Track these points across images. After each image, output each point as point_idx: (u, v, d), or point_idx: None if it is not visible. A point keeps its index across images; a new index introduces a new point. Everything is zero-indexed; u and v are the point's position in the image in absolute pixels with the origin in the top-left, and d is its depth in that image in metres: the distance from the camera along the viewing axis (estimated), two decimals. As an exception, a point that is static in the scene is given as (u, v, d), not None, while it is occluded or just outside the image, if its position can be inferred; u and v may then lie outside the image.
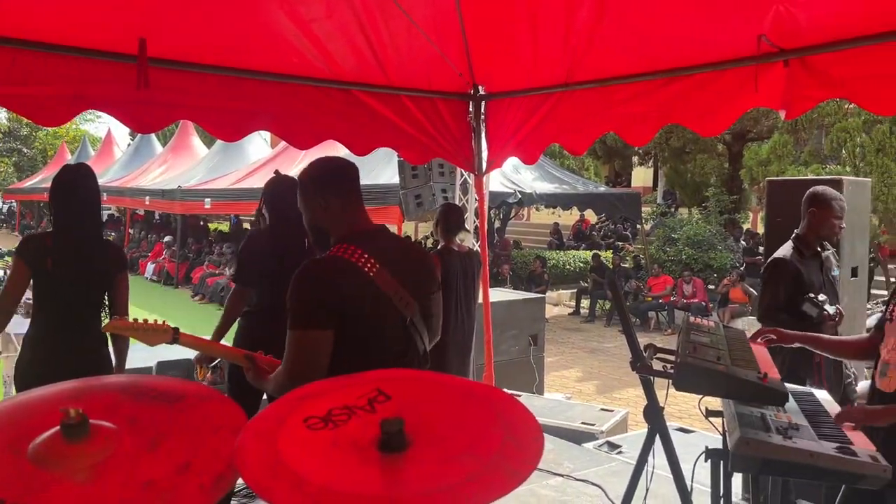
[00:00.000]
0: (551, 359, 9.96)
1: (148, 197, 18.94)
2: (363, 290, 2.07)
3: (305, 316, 2.03)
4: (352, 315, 2.04)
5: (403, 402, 1.33)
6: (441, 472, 1.17)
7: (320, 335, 2.01)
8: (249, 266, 3.73)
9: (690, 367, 2.23)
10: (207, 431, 1.27)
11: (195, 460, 1.19)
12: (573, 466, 4.71)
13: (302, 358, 2.02)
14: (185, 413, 1.33)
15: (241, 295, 3.70)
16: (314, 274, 2.10)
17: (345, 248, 2.11)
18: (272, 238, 3.78)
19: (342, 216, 2.22)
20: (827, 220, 3.58)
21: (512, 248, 18.65)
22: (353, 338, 2.05)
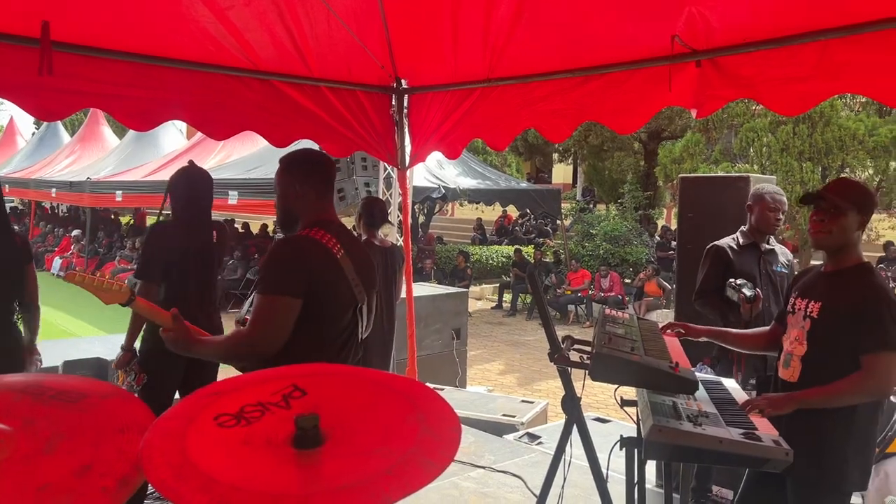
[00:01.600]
0: (474, 352, 10.04)
1: (54, 189, 18.03)
2: (331, 269, 2.24)
3: (280, 282, 2.16)
4: (318, 290, 2.18)
5: (319, 398, 1.31)
6: (357, 467, 1.15)
7: (291, 302, 2.13)
8: (155, 260, 3.59)
9: (605, 357, 2.28)
10: (111, 431, 1.21)
11: (97, 462, 1.13)
12: (494, 458, 4.76)
13: (271, 321, 2.12)
14: (88, 412, 1.26)
15: (148, 291, 3.53)
16: (291, 246, 2.26)
17: (316, 231, 2.27)
18: (179, 230, 3.66)
19: (315, 205, 2.37)
20: (762, 214, 3.74)
21: (436, 242, 18.71)
22: (315, 312, 2.18)
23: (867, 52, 2.96)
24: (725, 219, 4.06)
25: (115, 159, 17.71)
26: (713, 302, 3.71)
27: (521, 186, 14.82)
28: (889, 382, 2.40)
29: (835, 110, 12.31)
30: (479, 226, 21.66)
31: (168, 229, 3.70)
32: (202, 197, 3.78)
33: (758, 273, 3.68)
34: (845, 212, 2.46)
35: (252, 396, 1.30)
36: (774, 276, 3.68)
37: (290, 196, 2.37)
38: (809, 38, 3.17)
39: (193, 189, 3.76)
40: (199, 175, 3.85)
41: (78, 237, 18.55)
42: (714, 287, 3.73)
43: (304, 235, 2.28)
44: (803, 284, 2.69)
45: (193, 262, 3.63)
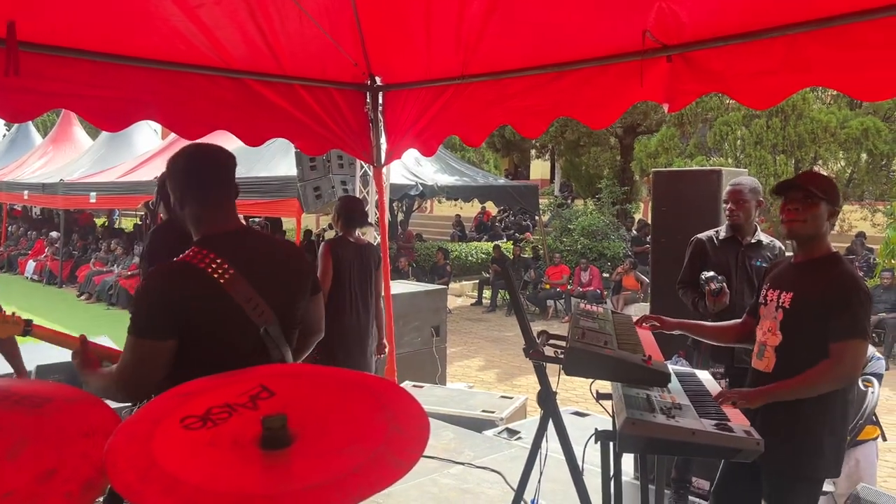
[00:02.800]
0: (454, 349, 10.05)
1: (27, 191, 17.76)
2: (210, 298, 1.93)
3: (143, 323, 1.90)
4: (195, 325, 1.91)
5: (288, 398, 1.30)
6: (326, 466, 1.15)
7: (156, 345, 1.87)
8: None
9: (579, 351, 2.29)
10: (76, 436, 1.20)
11: (61, 467, 1.12)
12: (474, 454, 4.77)
13: (135, 365, 1.88)
14: (52, 417, 1.25)
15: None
16: (158, 280, 1.97)
17: (195, 252, 1.98)
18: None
19: (201, 215, 2.07)
20: (724, 205, 3.78)
21: (415, 240, 18.70)
22: (197, 349, 1.91)
23: (833, 46, 3.01)
24: (699, 212, 4.10)
25: (89, 160, 17.48)
26: (689, 292, 3.76)
27: (498, 183, 14.85)
28: (856, 369, 2.44)
29: (807, 103, 12.47)
30: (458, 222, 21.69)
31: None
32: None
33: (734, 267, 3.70)
34: (818, 201, 2.50)
35: (219, 398, 1.29)
36: (752, 271, 3.70)
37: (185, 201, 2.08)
38: (777, 33, 3.20)
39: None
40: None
41: (52, 239, 18.29)
42: (690, 279, 3.77)
43: (178, 262, 1.98)
44: (775, 276, 2.73)
45: None
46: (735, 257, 3.74)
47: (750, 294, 3.63)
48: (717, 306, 3.43)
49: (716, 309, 3.43)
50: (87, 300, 14.33)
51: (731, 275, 3.66)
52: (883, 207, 14.01)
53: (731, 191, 3.75)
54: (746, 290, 3.67)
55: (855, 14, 2.92)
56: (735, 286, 3.64)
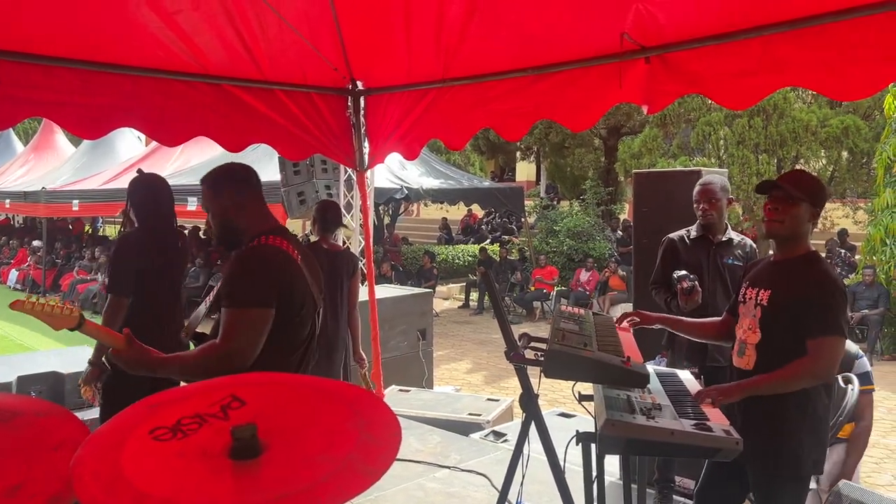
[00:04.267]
0: (441, 352, 10.05)
1: (8, 200, 17.59)
2: (295, 275, 2.23)
3: (249, 294, 2.12)
4: (287, 298, 2.17)
5: (258, 407, 1.29)
6: (296, 475, 1.14)
7: (263, 313, 2.11)
8: (124, 272, 3.46)
9: (558, 353, 2.30)
10: (44, 449, 1.18)
11: (28, 481, 1.11)
12: (460, 457, 4.77)
13: (247, 334, 2.08)
14: (21, 431, 1.23)
15: (119, 305, 3.41)
16: (258, 256, 2.22)
17: (273, 239, 2.25)
18: (145, 239, 3.57)
19: (257, 213, 2.34)
20: (695, 205, 3.78)
21: (401, 243, 18.68)
22: (285, 320, 2.16)
23: (807, 46, 3.03)
24: (679, 212, 4.11)
25: (71, 168, 17.35)
26: (661, 292, 3.78)
27: (484, 185, 14.83)
28: (833, 365, 2.46)
29: (788, 103, 12.56)
30: (444, 225, 21.69)
31: (134, 239, 3.58)
32: (163, 203, 3.70)
33: (706, 265, 3.72)
34: (799, 202, 2.51)
35: (190, 408, 1.28)
36: (724, 269, 3.71)
37: (231, 211, 2.31)
38: (753, 34, 3.23)
39: (153, 196, 3.68)
40: (157, 182, 3.77)
41: (35, 248, 18.12)
42: (662, 278, 3.79)
43: (265, 244, 2.24)
44: (754, 274, 2.74)
45: (162, 270, 3.55)
46: (707, 256, 3.75)
47: (723, 292, 3.65)
48: (689, 305, 3.45)
49: (688, 307, 3.44)
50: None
51: (703, 273, 3.67)
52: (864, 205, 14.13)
53: (702, 190, 3.76)
54: (719, 288, 3.69)
55: (829, 14, 2.95)
56: (707, 285, 3.65)
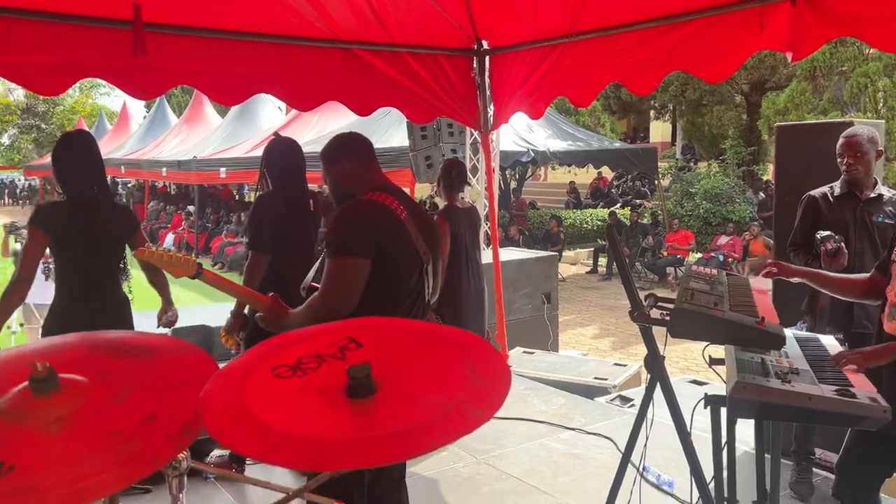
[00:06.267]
0: (567, 317, 9.95)
1: (165, 168, 18.96)
2: (396, 229, 2.28)
3: (348, 244, 2.20)
4: (386, 250, 2.22)
5: (374, 350, 1.33)
6: (406, 414, 1.17)
7: (361, 263, 2.18)
8: (263, 231, 3.65)
9: (685, 312, 2.19)
10: (178, 383, 1.27)
11: (162, 411, 1.20)
12: (585, 420, 4.72)
13: (342, 284, 2.17)
14: (157, 366, 1.33)
15: (259, 262, 3.59)
16: (358, 208, 2.31)
17: (377, 195, 2.33)
18: (278, 200, 3.73)
19: (364, 175, 2.43)
20: (838, 159, 3.48)
21: (528, 208, 18.55)
22: (385, 272, 2.22)
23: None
24: (827, 168, 3.79)
25: (218, 137, 18.43)
26: (801, 254, 3.51)
27: (614, 146, 14.36)
28: None
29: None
30: (572, 189, 21.30)
31: (271, 200, 3.74)
32: (296, 165, 3.84)
33: (853, 224, 3.41)
34: None
35: (310, 348, 1.34)
36: (873, 228, 3.39)
37: (340, 176, 2.44)
38: (919, -36, 2.89)
39: (287, 158, 3.82)
40: (290, 145, 3.91)
41: (188, 213, 19.52)
42: (802, 239, 3.52)
43: (368, 199, 2.33)
44: (910, 233, 2.50)
45: (297, 231, 3.70)
46: (853, 214, 3.42)
47: (871, 253, 3.33)
48: (833, 268, 3.16)
49: (833, 270, 3.17)
50: (220, 269, 15.27)
51: (849, 233, 3.36)
52: None
53: (847, 143, 3.41)
54: (867, 248, 3.37)
55: None
56: (854, 245, 3.35)
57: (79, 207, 3.27)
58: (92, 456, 1.11)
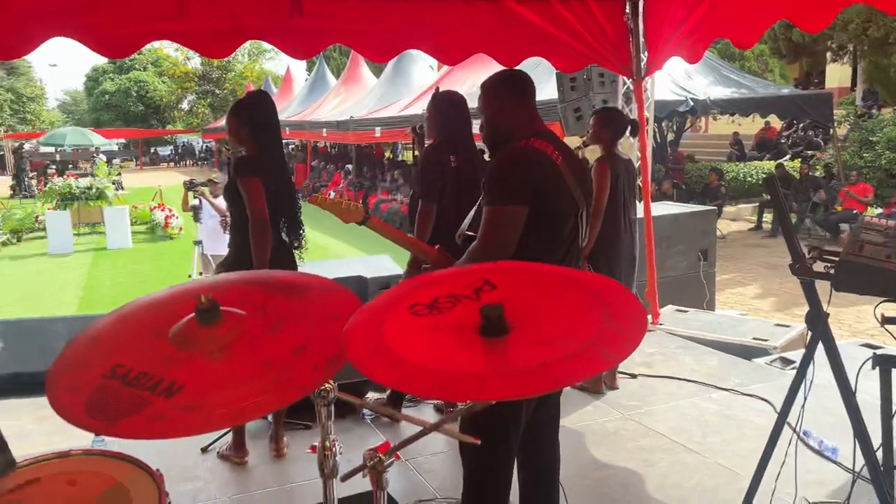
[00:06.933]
0: (726, 276, 9.46)
1: (325, 129, 19.88)
2: (553, 176, 2.25)
3: (505, 192, 2.21)
4: (543, 197, 2.21)
5: (508, 291, 1.34)
6: (538, 353, 1.17)
7: (518, 211, 2.19)
8: (432, 182, 3.75)
9: (852, 265, 2.02)
10: (325, 319, 1.35)
11: (311, 343, 1.29)
12: (740, 381, 4.52)
13: (499, 231, 2.20)
14: (309, 303, 1.43)
15: (429, 211, 3.71)
16: (515, 156, 2.30)
17: (534, 141, 2.30)
18: (445, 151, 3.80)
19: (523, 117, 2.39)
20: None
21: (686, 161, 17.67)
22: (541, 219, 2.22)
23: None
24: None
25: (374, 98, 19.00)
26: None
27: (783, 93, 13.26)
28: None
29: None
30: (736, 141, 20.00)
31: (438, 150, 3.83)
32: (462, 118, 3.89)
33: None
34: None
35: (446, 289, 1.37)
36: None
37: (500, 114, 2.40)
38: None
39: (452, 112, 3.88)
40: (455, 98, 3.97)
41: (347, 172, 20.41)
42: None
43: (525, 146, 2.30)
44: None
45: (463, 183, 3.77)
46: None
47: None
48: None
49: None
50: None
51: None
52: None
53: None
54: None
55: None
56: None
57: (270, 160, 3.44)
58: (249, 381, 1.22)
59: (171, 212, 14.99)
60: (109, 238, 13.64)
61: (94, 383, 1.23)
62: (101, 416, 1.16)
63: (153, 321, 1.38)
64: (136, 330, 1.39)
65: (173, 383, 1.20)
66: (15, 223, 14.65)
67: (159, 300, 1.49)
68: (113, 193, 15.40)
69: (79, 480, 1.42)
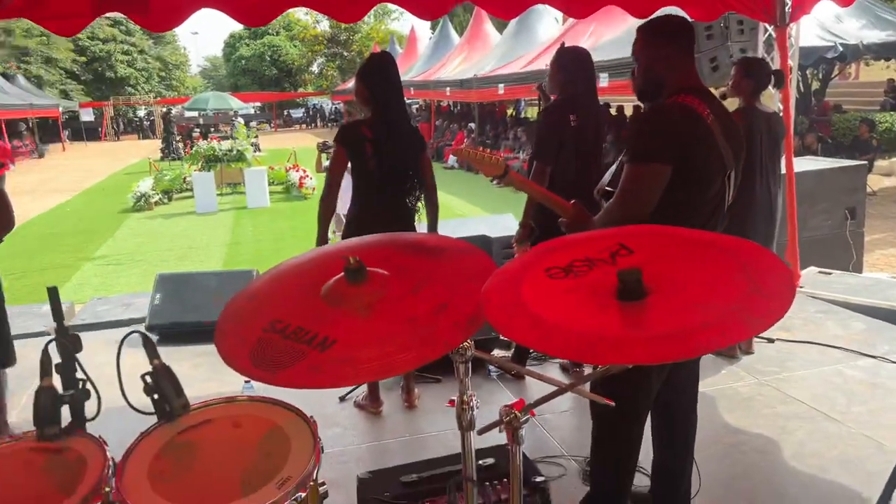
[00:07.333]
0: (876, 236, 8.81)
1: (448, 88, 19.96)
2: (702, 135, 2.16)
3: (650, 150, 2.15)
4: (689, 156, 2.13)
5: (645, 256, 1.33)
6: (677, 318, 1.17)
7: (661, 169, 2.12)
8: (548, 141, 3.71)
9: None
10: (463, 279, 1.41)
11: (451, 303, 1.35)
12: (889, 348, 4.25)
13: (639, 190, 2.14)
14: (446, 264, 1.49)
15: (542, 172, 3.69)
16: (661, 113, 2.24)
17: (685, 97, 2.21)
18: (566, 110, 3.74)
19: (680, 68, 2.30)
20: None
21: (832, 112, 16.40)
22: (685, 179, 2.14)
23: None
24: None
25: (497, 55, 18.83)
26: None
27: (949, 34, 11.95)
28: None
29: None
30: (891, 88, 18.30)
31: (557, 110, 3.77)
32: (586, 75, 3.81)
33: None
34: None
35: (581, 253, 1.38)
36: None
37: (656, 63, 2.30)
38: None
39: (575, 68, 3.80)
40: (579, 54, 3.88)
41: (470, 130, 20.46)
42: None
43: (673, 102, 2.21)
44: None
45: (583, 143, 3.72)
46: None
47: None
48: None
49: None
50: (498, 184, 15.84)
51: None
52: None
53: None
54: None
55: None
56: None
57: (379, 126, 3.49)
58: (394, 337, 1.30)
59: (305, 173, 15.65)
60: (249, 198, 14.45)
61: (255, 336, 1.35)
62: (264, 366, 1.27)
63: (305, 280, 1.49)
64: (290, 288, 1.50)
65: (327, 338, 1.30)
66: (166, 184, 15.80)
67: (309, 261, 1.60)
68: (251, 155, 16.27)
69: (243, 423, 1.58)
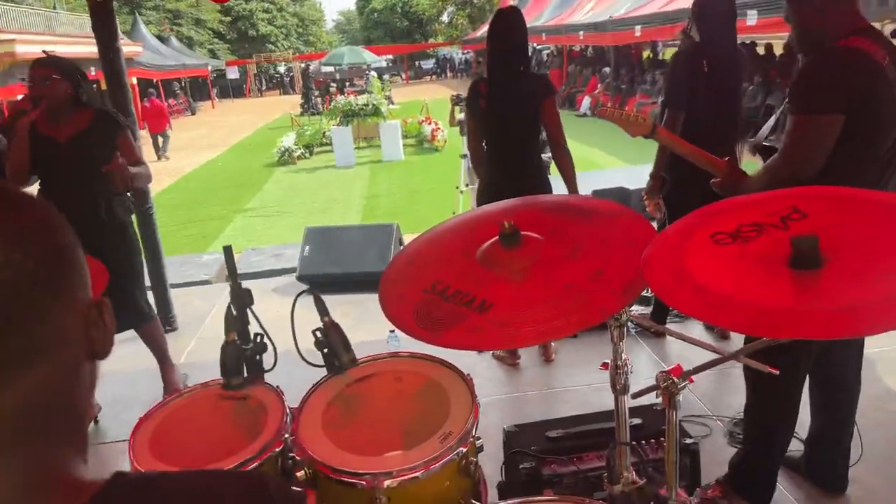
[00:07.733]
0: None
1: (581, 31, 19.32)
2: (875, 81, 1.99)
3: (818, 99, 2.01)
4: (861, 105, 1.98)
5: (821, 220, 1.25)
6: (860, 291, 1.10)
7: (830, 119, 1.98)
8: (679, 87, 3.58)
9: None
10: (619, 244, 1.39)
11: (608, 268, 1.33)
12: None
13: (806, 143, 2.01)
14: (600, 227, 1.47)
15: (674, 119, 3.57)
16: (830, 58, 2.06)
17: (854, 41, 2.03)
18: (699, 55, 3.57)
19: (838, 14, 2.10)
20: None
21: None
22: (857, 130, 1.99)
23: None
24: None
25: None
26: None
27: None
28: None
29: None
30: None
31: (691, 54, 3.62)
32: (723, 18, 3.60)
33: None
34: None
35: (748, 216, 1.32)
36: None
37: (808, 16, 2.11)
38: None
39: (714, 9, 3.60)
40: None
41: (604, 75, 19.78)
42: None
43: (842, 47, 2.03)
44: None
45: (717, 90, 3.55)
46: None
47: None
48: None
49: None
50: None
51: None
52: None
53: None
54: None
55: None
56: None
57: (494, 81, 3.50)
58: (550, 302, 1.31)
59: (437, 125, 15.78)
60: (384, 151, 14.79)
61: (417, 297, 1.40)
62: (427, 325, 1.32)
63: (461, 243, 1.52)
64: (447, 251, 1.54)
65: (485, 301, 1.33)
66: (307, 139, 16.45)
67: (464, 224, 1.63)
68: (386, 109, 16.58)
69: (404, 377, 1.66)
